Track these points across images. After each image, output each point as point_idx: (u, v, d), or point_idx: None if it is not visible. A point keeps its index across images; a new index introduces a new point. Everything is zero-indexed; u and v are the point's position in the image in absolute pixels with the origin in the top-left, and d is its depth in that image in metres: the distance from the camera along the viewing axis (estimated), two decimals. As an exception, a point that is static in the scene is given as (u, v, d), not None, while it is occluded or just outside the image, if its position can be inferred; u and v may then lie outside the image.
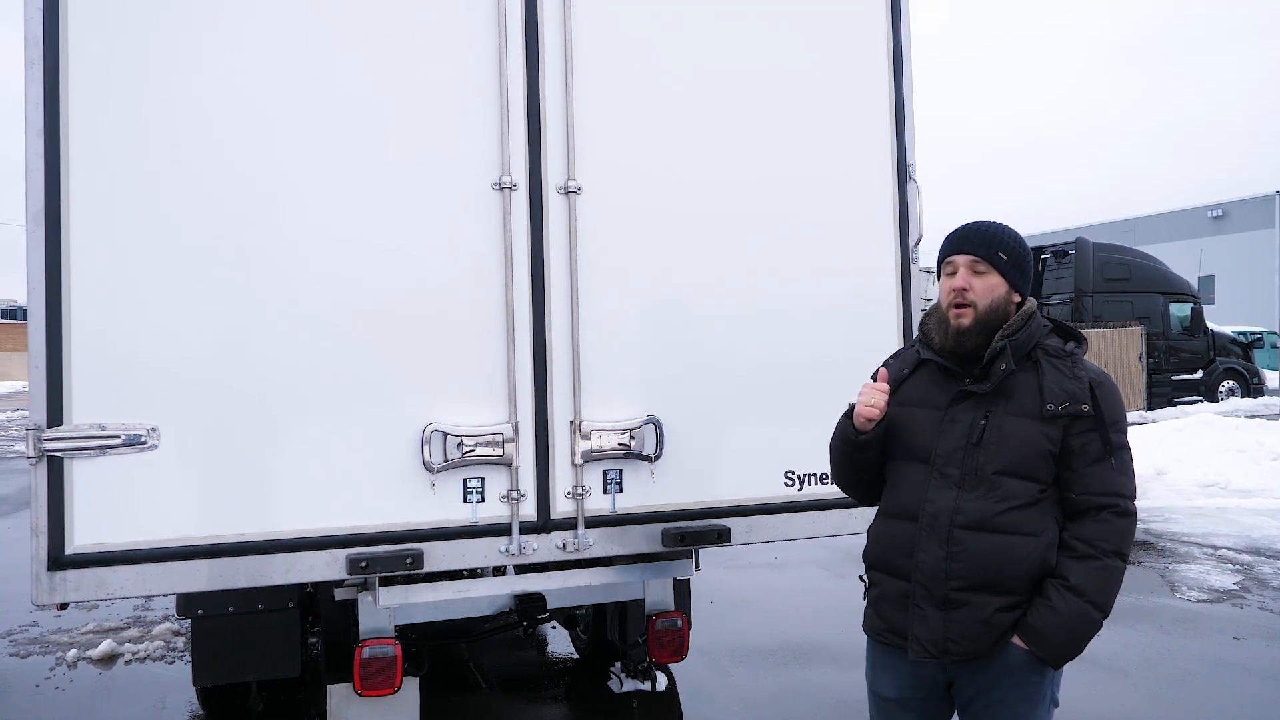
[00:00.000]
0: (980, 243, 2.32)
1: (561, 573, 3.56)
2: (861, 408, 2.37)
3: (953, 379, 2.35)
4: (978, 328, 2.30)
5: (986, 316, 2.30)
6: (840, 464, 2.53)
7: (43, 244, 2.82)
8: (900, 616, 2.33)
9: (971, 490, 2.26)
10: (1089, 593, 2.19)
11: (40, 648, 5.56)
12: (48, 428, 2.81)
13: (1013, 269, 2.33)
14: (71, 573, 2.84)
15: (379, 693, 3.37)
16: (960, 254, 2.33)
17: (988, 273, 2.31)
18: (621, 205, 3.40)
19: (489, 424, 3.22)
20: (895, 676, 2.40)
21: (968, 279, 2.31)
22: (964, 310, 2.30)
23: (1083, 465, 2.24)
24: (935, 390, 2.37)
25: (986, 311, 2.30)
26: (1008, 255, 2.32)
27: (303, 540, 3.03)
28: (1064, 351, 2.31)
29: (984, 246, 2.32)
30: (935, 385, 2.38)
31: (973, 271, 2.31)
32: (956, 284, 2.31)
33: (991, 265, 2.31)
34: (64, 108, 2.85)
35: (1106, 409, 2.25)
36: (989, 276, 2.31)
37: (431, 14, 3.22)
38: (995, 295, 2.31)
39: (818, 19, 3.70)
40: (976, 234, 2.34)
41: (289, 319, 3.05)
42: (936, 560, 2.25)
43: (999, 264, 2.31)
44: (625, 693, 4.69)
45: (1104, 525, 2.23)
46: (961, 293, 2.30)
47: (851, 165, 3.75)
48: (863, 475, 2.50)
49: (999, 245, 2.32)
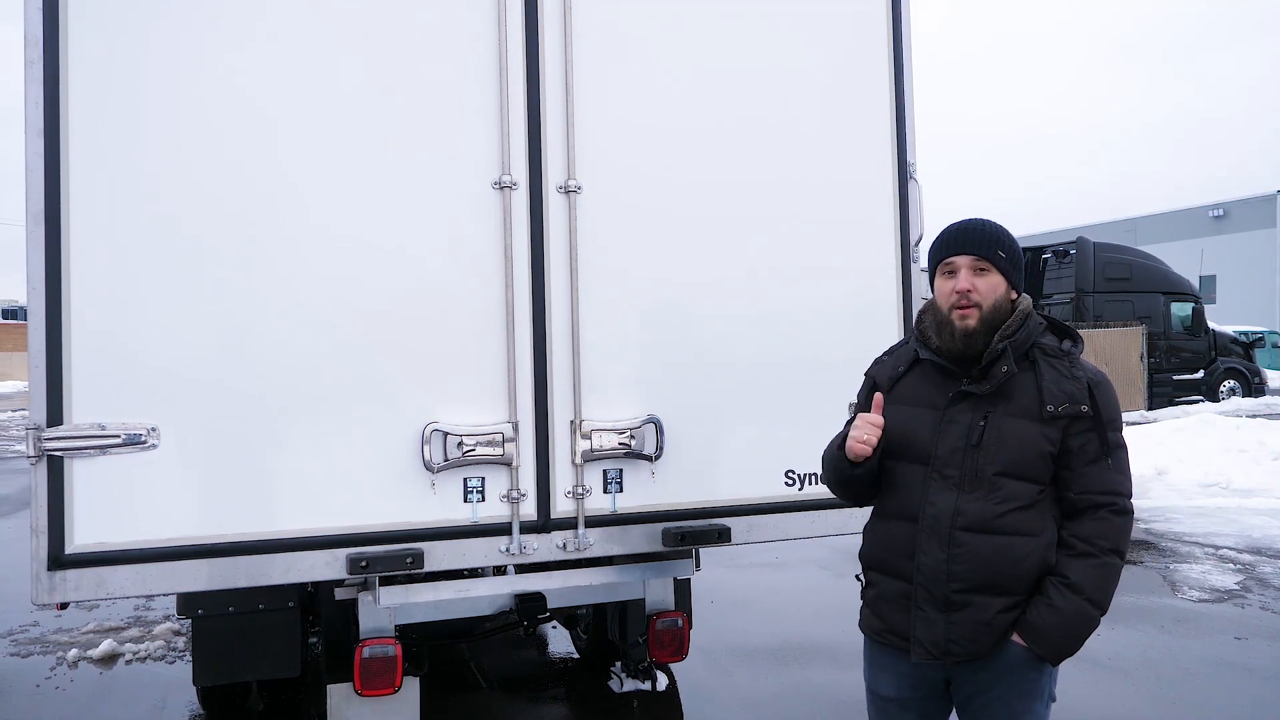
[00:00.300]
0: (980, 242, 2.31)
1: (562, 572, 3.56)
2: (854, 443, 2.34)
3: (950, 378, 2.34)
4: (984, 328, 2.28)
5: (991, 316, 2.29)
6: (833, 481, 2.51)
7: (43, 244, 2.82)
8: (900, 617, 2.33)
9: (972, 492, 2.25)
10: (1088, 590, 2.20)
11: (41, 647, 5.56)
12: (48, 427, 2.81)
13: (1011, 267, 2.33)
14: (71, 572, 2.84)
15: (379, 692, 3.37)
16: (960, 255, 2.31)
17: (989, 272, 2.30)
18: (622, 204, 3.40)
19: (489, 423, 3.22)
20: (894, 676, 2.40)
21: (971, 280, 2.29)
22: (969, 311, 2.29)
23: (1081, 465, 2.24)
24: (932, 390, 2.37)
25: (991, 311, 2.29)
26: (1006, 254, 2.32)
27: (303, 540, 3.03)
28: (1061, 351, 2.31)
29: (984, 246, 2.31)
30: (932, 384, 2.37)
31: (974, 271, 2.30)
32: (961, 285, 2.29)
33: (993, 264, 2.30)
34: (64, 107, 2.84)
35: (1104, 409, 2.25)
36: (990, 276, 2.30)
37: (431, 14, 3.21)
38: (998, 294, 2.30)
39: (818, 18, 3.69)
40: (976, 233, 2.33)
41: (289, 318, 3.04)
42: (938, 562, 2.25)
43: (999, 263, 2.30)
44: (626, 692, 4.69)
45: (1102, 524, 2.24)
46: (966, 294, 2.29)
47: (852, 164, 3.74)
48: (856, 489, 2.48)
49: (998, 244, 2.31)
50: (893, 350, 2.55)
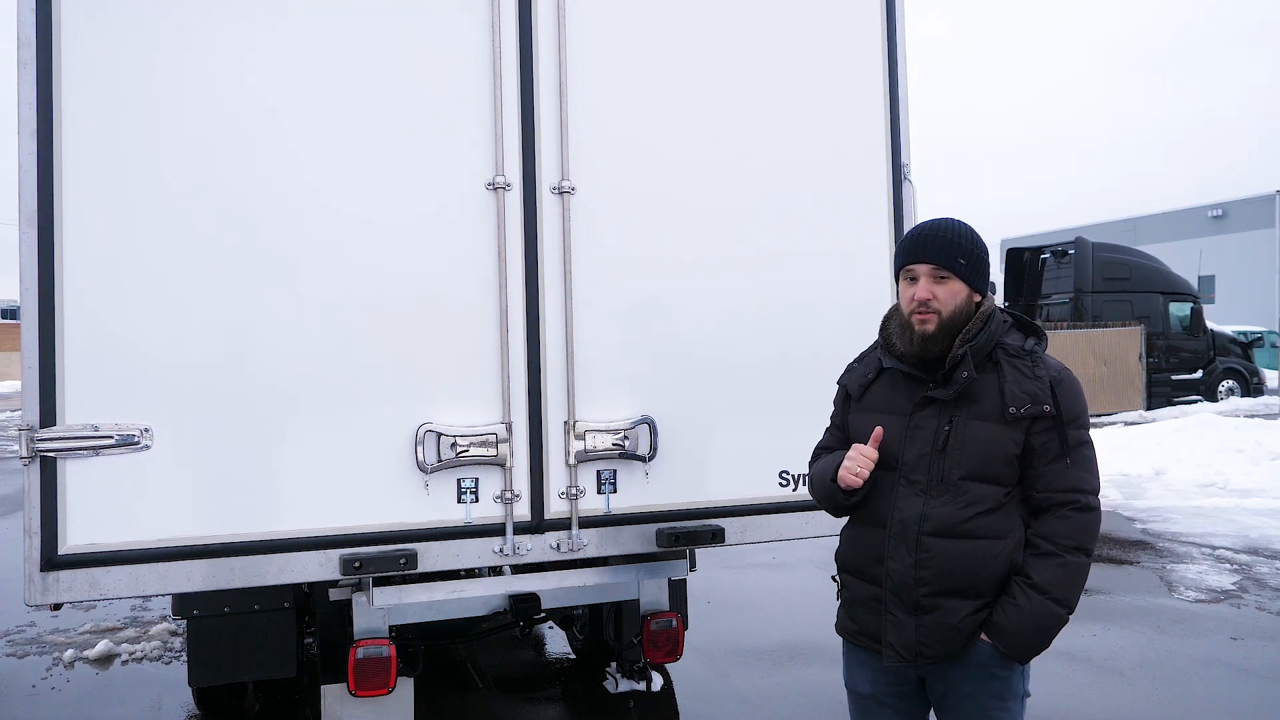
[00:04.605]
0: (939, 251, 2.31)
1: (556, 573, 3.56)
2: (847, 475, 2.36)
3: (916, 384, 2.36)
4: (942, 333, 2.30)
5: (950, 322, 2.30)
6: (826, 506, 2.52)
7: (35, 245, 2.82)
8: (871, 620, 2.36)
9: (938, 496, 2.27)
10: (1052, 590, 2.21)
11: (37, 648, 5.56)
12: (41, 428, 2.81)
13: (972, 272, 2.32)
14: (65, 573, 2.84)
15: (373, 693, 3.37)
16: (920, 263, 2.33)
17: (949, 279, 2.31)
18: (616, 206, 3.40)
19: (483, 424, 3.22)
20: (869, 673, 2.43)
21: (930, 288, 2.30)
22: (928, 316, 2.30)
23: (1043, 463, 2.25)
24: (899, 396, 2.38)
25: (950, 317, 2.30)
26: (967, 260, 2.31)
27: (296, 540, 3.04)
28: (1023, 350, 2.31)
29: (944, 255, 2.31)
30: (899, 391, 2.39)
31: (934, 280, 2.31)
32: (920, 294, 2.30)
33: (952, 272, 2.30)
34: (56, 108, 2.85)
35: (1065, 407, 2.25)
36: (951, 283, 2.31)
37: (425, 15, 3.21)
38: (958, 300, 2.31)
39: (813, 21, 3.69)
40: (935, 242, 2.32)
41: (282, 320, 3.04)
42: (906, 567, 2.27)
43: (959, 270, 2.30)
44: (621, 693, 4.69)
45: (1065, 522, 2.24)
46: (925, 303, 2.30)
47: (848, 169, 3.74)
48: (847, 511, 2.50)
49: (958, 251, 2.31)
50: (862, 357, 2.56)
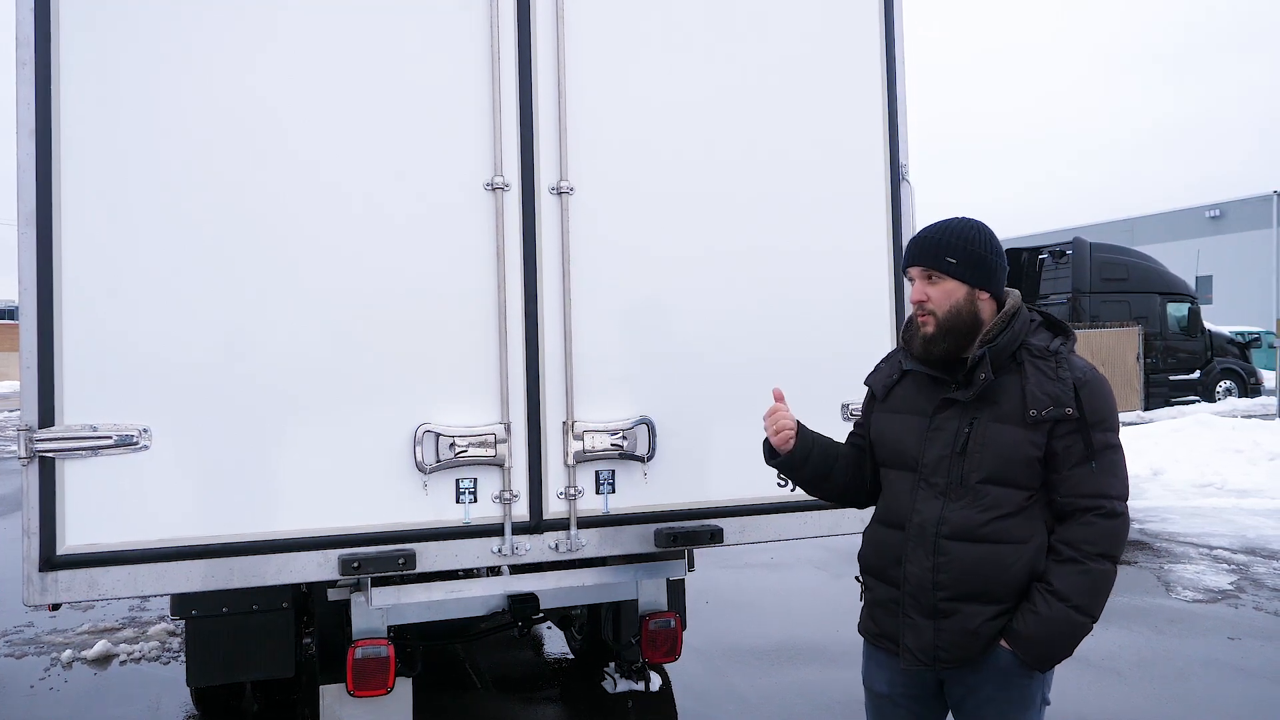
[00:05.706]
0: (925, 253, 2.33)
1: (555, 573, 3.56)
2: (773, 438, 2.49)
3: (938, 385, 2.35)
4: (940, 334, 2.30)
5: (948, 322, 2.30)
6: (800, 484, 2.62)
7: (34, 245, 2.82)
8: (891, 622, 2.34)
9: (957, 499, 2.25)
10: (1073, 597, 2.16)
11: (35, 648, 5.56)
12: (39, 428, 2.81)
13: (966, 270, 2.30)
14: (63, 573, 2.84)
15: (372, 693, 3.37)
16: (912, 266, 2.37)
17: (942, 279, 2.32)
18: (614, 206, 3.40)
19: (481, 424, 3.22)
20: (888, 674, 2.41)
21: (923, 290, 2.33)
22: (927, 318, 2.33)
23: (1066, 468, 2.21)
24: (921, 397, 2.38)
25: (947, 317, 2.30)
26: (956, 258, 2.30)
27: (295, 540, 3.03)
28: (1048, 351, 2.27)
29: (928, 256, 2.32)
30: (921, 392, 2.39)
31: (927, 281, 2.33)
32: (914, 297, 2.36)
33: (943, 272, 2.31)
34: (55, 108, 2.84)
35: (1090, 409, 2.20)
36: (944, 283, 2.31)
37: (424, 15, 3.21)
38: (953, 300, 2.30)
39: (810, 21, 3.69)
40: (924, 244, 2.35)
41: (280, 320, 3.04)
42: (924, 570, 2.25)
43: (950, 269, 2.30)
44: (619, 693, 4.70)
45: (1089, 528, 2.19)
46: (921, 304, 2.33)
47: (846, 169, 3.74)
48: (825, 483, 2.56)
49: (945, 251, 2.31)
50: (889, 358, 2.57)
